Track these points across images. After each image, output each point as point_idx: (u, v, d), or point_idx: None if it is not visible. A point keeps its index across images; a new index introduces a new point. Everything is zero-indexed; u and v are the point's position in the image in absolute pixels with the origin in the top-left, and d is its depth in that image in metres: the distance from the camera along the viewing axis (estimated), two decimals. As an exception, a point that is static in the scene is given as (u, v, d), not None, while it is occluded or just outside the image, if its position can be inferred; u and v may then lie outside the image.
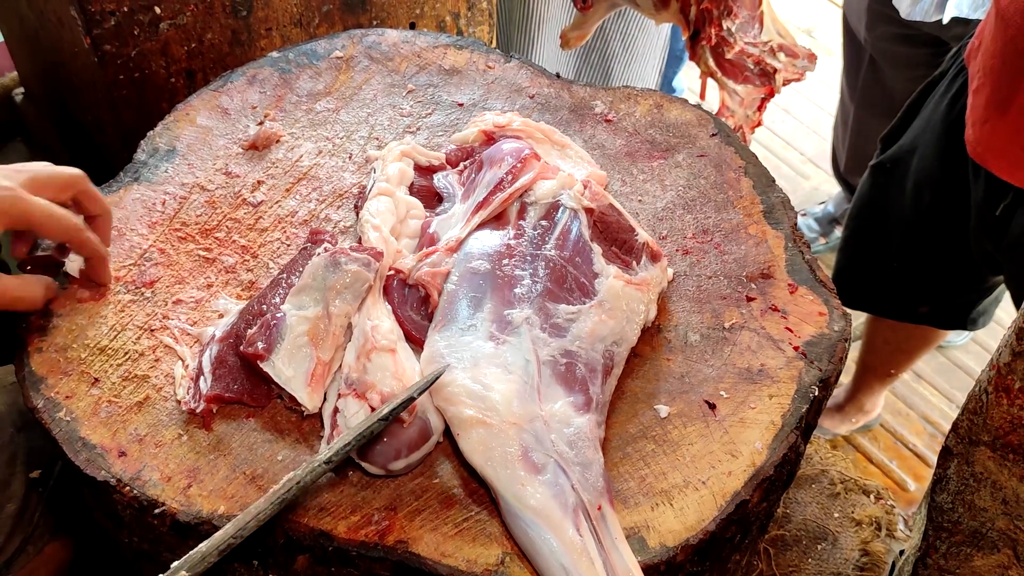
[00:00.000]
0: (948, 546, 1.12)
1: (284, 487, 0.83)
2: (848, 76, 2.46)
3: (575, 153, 1.17)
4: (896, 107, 2.48)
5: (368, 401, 0.89)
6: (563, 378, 0.93)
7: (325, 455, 0.84)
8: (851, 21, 2.32)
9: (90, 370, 0.96)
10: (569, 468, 0.86)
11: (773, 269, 1.08)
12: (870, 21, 2.20)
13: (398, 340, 0.95)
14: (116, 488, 0.88)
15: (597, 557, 0.81)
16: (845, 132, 2.56)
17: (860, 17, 2.24)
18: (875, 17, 2.18)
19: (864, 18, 2.22)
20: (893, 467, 2.33)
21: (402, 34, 1.36)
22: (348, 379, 0.92)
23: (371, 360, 0.92)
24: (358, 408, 0.89)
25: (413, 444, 0.89)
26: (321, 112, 1.25)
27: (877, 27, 2.19)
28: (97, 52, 1.37)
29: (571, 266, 1.00)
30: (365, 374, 0.91)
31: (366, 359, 0.92)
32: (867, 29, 2.23)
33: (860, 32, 2.28)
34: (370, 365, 0.91)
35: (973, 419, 1.03)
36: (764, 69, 1.40)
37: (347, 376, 0.92)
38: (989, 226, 1.55)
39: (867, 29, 2.23)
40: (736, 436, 0.93)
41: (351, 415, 0.89)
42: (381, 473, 0.89)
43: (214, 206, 1.12)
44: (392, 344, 0.93)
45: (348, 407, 0.90)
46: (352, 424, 0.89)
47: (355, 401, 0.90)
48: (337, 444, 0.85)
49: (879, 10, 2.14)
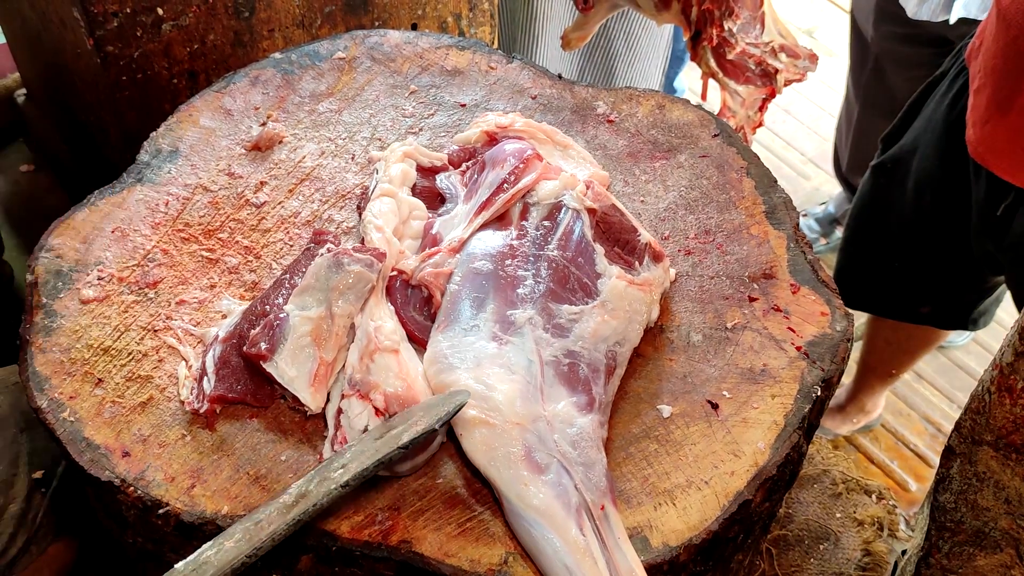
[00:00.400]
0: (951, 546, 1.12)
1: (301, 508, 0.81)
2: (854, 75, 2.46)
3: (577, 154, 1.17)
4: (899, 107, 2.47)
5: (372, 402, 0.90)
6: (566, 378, 0.93)
7: (343, 478, 0.83)
8: (859, 19, 2.32)
9: (94, 371, 0.96)
10: (572, 468, 0.86)
11: (775, 269, 1.08)
12: (877, 19, 2.21)
13: (401, 341, 0.95)
14: (120, 488, 0.88)
15: (600, 557, 0.82)
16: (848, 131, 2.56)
17: (868, 15, 2.24)
18: (882, 15, 2.18)
19: (872, 16, 2.22)
20: (894, 467, 2.33)
21: (404, 35, 1.36)
22: (352, 380, 0.92)
23: (374, 361, 0.92)
24: (362, 409, 0.90)
25: (418, 446, 0.89)
26: (324, 113, 1.25)
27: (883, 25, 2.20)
28: (100, 53, 1.37)
29: (574, 266, 1.00)
30: (369, 375, 0.91)
31: (369, 360, 0.92)
32: (874, 27, 2.23)
33: (867, 30, 2.28)
34: (373, 366, 0.92)
35: (976, 419, 1.03)
36: (765, 70, 1.40)
37: (351, 377, 0.92)
38: (990, 226, 1.55)
39: (874, 27, 2.23)
40: (739, 436, 0.94)
41: (355, 416, 0.89)
42: (386, 474, 0.89)
43: (217, 207, 1.12)
44: (395, 345, 0.94)
45: (352, 408, 0.90)
46: (356, 425, 0.89)
47: (359, 402, 0.90)
48: (355, 468, 0.84)
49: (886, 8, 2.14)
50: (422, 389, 0.91)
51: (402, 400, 0.89)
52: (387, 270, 1.00)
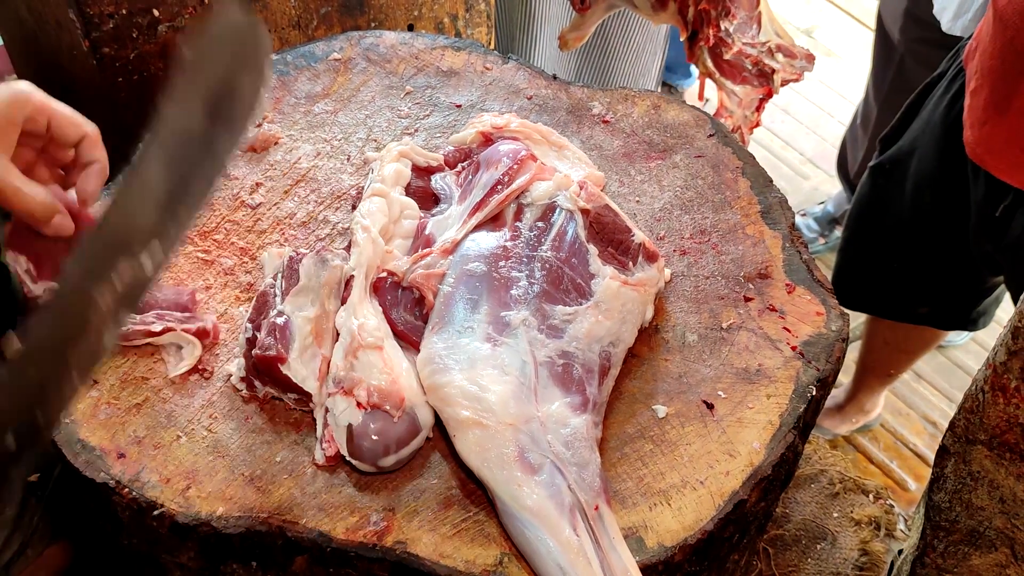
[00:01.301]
0: (946, 545, 1.12)
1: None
2: (876, 76, 2.43)
3: (573, 154, 1.17)
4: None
5: (355, 397, 0.90)
6: (560, 379, 0.93)
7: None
8: (886, 22, 2.31)
9: (89, 372, 0.96)
10: (565, 468, 0.86)
11: (771, 269, 1.08)
12: (905, 25, 2.19)
13: (385, 337, 0.95)
14: (115, 490, 0.88)
15: (594, 557, 0.82)
16: (865, 133, 2.52)
17: (895, 19, 2.23)
18: (912, 21, 2.17)
19: (900, 21, 2.21)
20: (893, 467, 2.33)
21: (400, 36, 1.36)
22: (336, 378, 0.92)
23: (358, 358, 0.92)
24: (346, 405, 0.90)
25: (402, 440, 0.89)
26: (319, 114, 1.25)
27: (913, 30, 2.18)
28: (96, 55, 1.37)
29: (567, 267, 1.00)
30: (352, 371, 0.91)
31: (353, 357, 0.92)
32: (901, 32, 2.22)
33: (894, 34, 2.26)
34: (357, 363, 0.92)
35: (970, 418, 1.04)
36: (762, 70, 1.40)
37: (335, 375, 0.92)
38: (989, 227, 1.55)
39: (901, 32, 2.22)
40: (734, 436, 0.94)
41: (339, 412, 0.90)
42: (372, 470, 0.89)
43: (212, 208, 1.12)
44: (379, 341, 0.94)
45: (336, 405, 0.90)
46: (341, 422, 0.89)
47: (343, 399, 0.90)
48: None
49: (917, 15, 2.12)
50: (407, 383, 0.91)
51: (386, 393, 0.89)
52: (371, 268, 1.00)
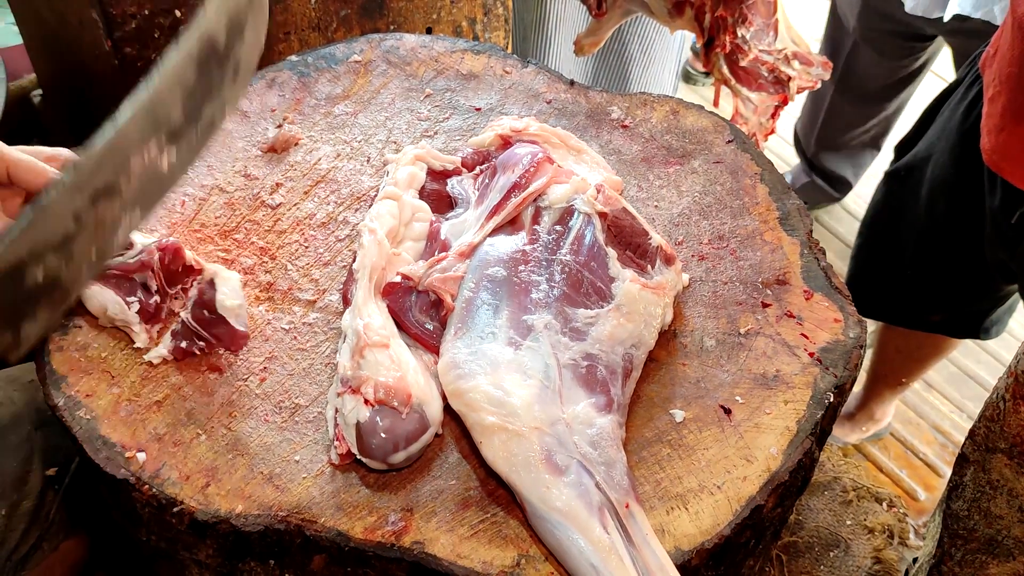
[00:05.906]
0: (963, 553, 1.11)
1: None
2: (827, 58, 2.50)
3: (591, 158, 1.18)
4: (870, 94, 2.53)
5: (363, 395, 0.90)
6: (584, 380, 0.93)
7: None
8: (841, 8, 2.37)
9: (110, 369, 0.96)
10: (593, 468, 0.86)
11: (789, 275, 1.08)
12: (863, 12, 2.24)
13: (391, 336, 0.95)
14: (135, 487, 0.88)
15: (626, 554, 0.82)
16: (817, 114, 2.62)
17: (852, 6, 2.28)
18: (868, 9, 2.22)
19: (856, 8, 2.25)
20: (903, 476, 2.32)
21: (420, 39, 1.37)
22: (344, 378, 0.92)
23: (364, 357, 0.92)
24: (354, 404, 0.90)
25: (411, 436, 0.89)
26: (339, 116, 1.25)
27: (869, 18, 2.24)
28: (118, 54, 1.39)
29: (587, 271, 1.00)
30: (359, 370, 0.92)
31: (360, 356, 0.93)
32: (858, 19, 2.27)
33: (849, 21, 2.32)
34: (364, 362, 0.92)
35: (990, 427, 1.03)
36: (778, 77, 1.41)
37: (342, 376, 0.93)
38: (1004, 234, 1.55)
39: (858, 19, 2.27)
40: (751, 441, 0.94)
41: (348, 411, 0.90)
42: (383, 468, 0.89)
43: (233, 208, 1.13)
44: (385, 339, 0.94)
45: (345, 404, 0.90)
46: (350, 421, 0.90)
47: (351, 397, 0.90)
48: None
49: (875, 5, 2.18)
50: (414, 380, 0.92)
51: (392, 389, 0.90)
52: (376, 270, 1.01)
